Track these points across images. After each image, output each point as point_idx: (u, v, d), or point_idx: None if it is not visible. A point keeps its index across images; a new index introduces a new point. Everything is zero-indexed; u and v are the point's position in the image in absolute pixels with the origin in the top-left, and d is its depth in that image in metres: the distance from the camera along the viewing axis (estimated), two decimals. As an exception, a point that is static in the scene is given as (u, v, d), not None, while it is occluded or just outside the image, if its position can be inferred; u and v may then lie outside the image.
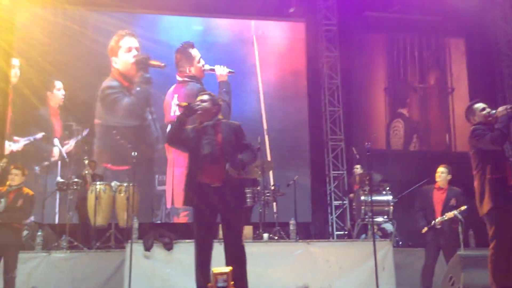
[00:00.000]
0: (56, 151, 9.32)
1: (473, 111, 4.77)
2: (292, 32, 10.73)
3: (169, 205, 9.36)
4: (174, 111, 9.50)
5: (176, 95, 9.69)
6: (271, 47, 10.46)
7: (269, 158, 9.65)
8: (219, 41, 10.29)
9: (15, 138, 9.32)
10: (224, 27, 10.46)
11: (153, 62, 9.65)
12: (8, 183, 6.22)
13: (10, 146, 9.26)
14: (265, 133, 10.04)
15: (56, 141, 9.36)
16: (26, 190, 6.26)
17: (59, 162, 9.19)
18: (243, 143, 4.57)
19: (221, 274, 1.91)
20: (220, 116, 4.66)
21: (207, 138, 4.42)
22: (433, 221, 6.38)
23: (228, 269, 1.96)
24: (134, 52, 9.81)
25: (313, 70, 10.61)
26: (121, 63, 9.80)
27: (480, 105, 4.77)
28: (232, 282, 3.46)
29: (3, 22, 9.54)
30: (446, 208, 6.42)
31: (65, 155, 9.22)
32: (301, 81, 10.48)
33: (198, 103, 4.56)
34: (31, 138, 9.34)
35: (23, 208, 6.11)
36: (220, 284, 1.88)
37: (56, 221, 8.28)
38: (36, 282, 6.48)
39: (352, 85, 10.79)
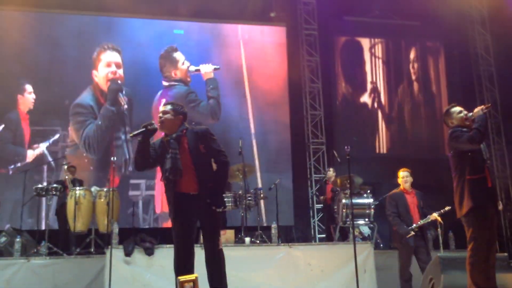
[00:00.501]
0: (30, 155, 9.18)
1: (450, 115, 4.82)
2: (274, 36, 10.78)
3: (158, 211, 9.31)
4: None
5: (163, 100, 9.66)
6: (254, 51, 10.49)
7: (256, 162, 9.67)
8: (201, 45, 10.28)
9: (35, 145, 9.20)
10: (206, 30, 10.46)
11: (120, 98, 9.44)
12: None
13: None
14: (253, 137, 10.05)
15: (42, 145, 9.23)
16: None
17: (45, 167, 9.06)
18: (213, 148, 4.49)
19: (188, 281, 1.89)
20: (186, 125, 4.54)
21: (170, 152, 4.37)
22: (414, 225, 6.43)
23: (194, 276, 1.94)
24: (113, 68, 9.72)
25: (294, 74, 10.65)
26: (100, 77, 9.74)
27: (456, 109, 4.82)
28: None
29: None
30: (420, 212, 6.51)
31: (50, 158, 9.08)
32: (283, 85, 10.52)
33: (160, 115, 4.48)
34: (50, 141, 9.22)
35: None
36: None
37: (35, 227, 8.15)
38: (15, 289, 6.38)
39: (333, 89, 10.86)
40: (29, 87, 9.47)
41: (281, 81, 10.54)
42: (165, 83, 9.91)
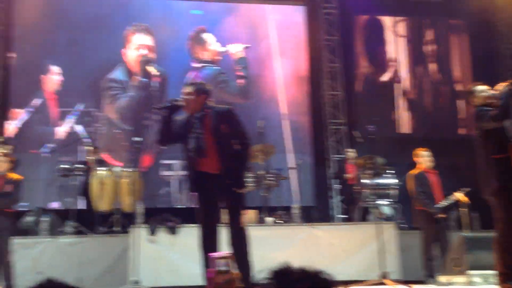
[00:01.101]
0: (58, 134, 9.27)
1: (474, 94, 4.78)
2: (292, 15, 10.67)
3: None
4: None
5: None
6: (272, 31, 10.40)
7: (290, 143, 9.69)
8: (221, 26, 10.23)
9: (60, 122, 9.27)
10: (223, 10, 10.38)
11: (148, 68, 9.41)
12: None
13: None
14: (285, 118, 10.03)
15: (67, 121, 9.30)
16: (13, 175, 6.25)
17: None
18: (235, 128, 4.51)
19: (222, 258, 1.90)
20: (210, 103, 4.55)
21: (193, 132, 4.41)
22: (440, 204, 6.40)
23: (228, 252, 1.96)
24: (143, 51, 9.68)
25: (313, 53, 10.57)
26: (129, 58, 9.73)
27: (480, 88, 4.78)
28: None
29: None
30: (444, 191, 6.49)
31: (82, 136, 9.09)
32: (302, 64, 10.45)
33: (181, 96, 4.51)
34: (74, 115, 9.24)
35: (12, 194, 6.11)
36: (221, 268, 1.88)
37: (61, 206, 8.29)
38: (42, 267, 6.52)
39: (353, 68, 10.77)
40: (54, 68, 9.53)
41: (300, 61, 10.46)
42: (194, 65, 9.90)
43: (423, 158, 6.66)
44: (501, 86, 4.58)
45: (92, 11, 9.77)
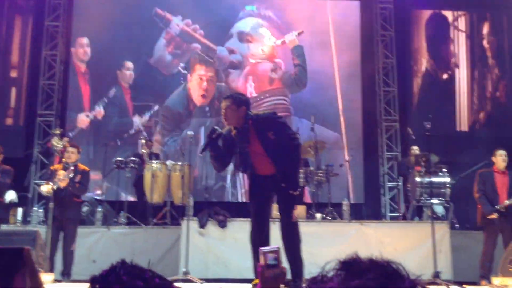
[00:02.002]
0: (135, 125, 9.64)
1: None
2: (347, 11, 10.54)
3: (247, 186, 9.52)
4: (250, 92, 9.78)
5: (250, 77, 9.94)
6: (326, 27, 10.31)
7: (344, 141, 9.66)
8: (273, 21, 10.23)
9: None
10: (275, 6, 10.38)
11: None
12: (64, 160, 6.45)
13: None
14: (340, 113, 9.98)
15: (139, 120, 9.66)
16: (82, 166, 6.53)
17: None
18: (282, 133, 4.49)
19: (271, 252, 1.90)
20: (251, 113, 4.54)
21: (238, 147, 4.45)
22: (499, 205, 6.21)
23: (277, 247, 1.95)
24: (203, 84, 9.87)
25: (368, 49, 10.40)
26: (193, 87, 9.93)
27: None
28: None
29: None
30: (510, 192, 6.26)
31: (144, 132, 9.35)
32: (355, 60, 10.30)
33: (223, 111, 4.50)
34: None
35: (81, 184, 6.35)
36: (270, 262, 1.87)
37: (115, 198, 8.54)
38: (96, 256, 6.75)
39: (408, 64, 10.52)
40: (128, 64, 9.85)
41: (353, 56, 10.32)
42: (251, 60, 10.01)
43: (496, 158, 6.50)
44: None
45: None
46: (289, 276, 4.44)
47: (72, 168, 6.31)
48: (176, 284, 1.27)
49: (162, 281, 1.15)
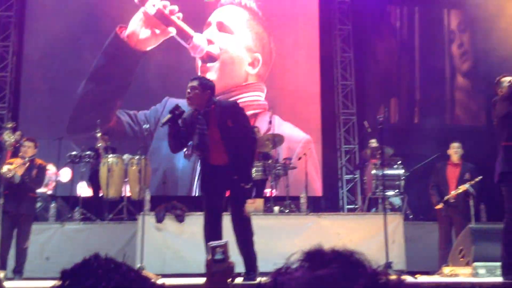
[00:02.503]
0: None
1: (500, 84, 4.79)
2: (305, 4, 10.59)
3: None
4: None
5: (224, 70, 9.83)
6: (283, 19, 10.34)
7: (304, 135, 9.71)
8: (255, 10, 10.17)
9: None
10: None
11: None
12: (20, 155, 6.30)
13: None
14: (299, 107, 10.03)
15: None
16: (39, 161, 6.39)
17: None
18: (240, 125, 4.53)
19: (218, 246, 1.89)
20: (215, 99, 4.60)
21: (198, 128, 4.44)
22: (447, 196, 6.40)
23: (224, 241, 1.95)
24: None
25: (326, 43, 10.49)
26: None
27: (507, 78, 4.78)
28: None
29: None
30: (461, 183, 6.46)
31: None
32: (314, 54, 10.37)
33: (188, 91, 4.52)
34: None
35: (37, 178, 6.22)
36: (217, 257, 1.87)
37: (69, 193, 8.36)
38: (49, 253, 6.60)
39: (366, 58, 10.66)
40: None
41: (312, 50, 10.39)
42: (229, 53, 9.94)
43: (452, 150, 6.72)
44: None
45: None
46: (243, 269, 4.46)
47: (28, 162, 6.17)
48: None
49: (137, 275, 1.12)
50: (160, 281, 5.30)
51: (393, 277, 0.99)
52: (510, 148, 4.47)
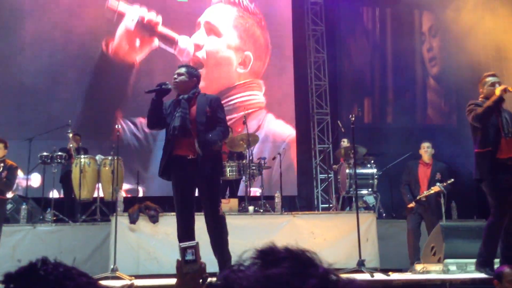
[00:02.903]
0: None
1: (483, 84, 4.75)
2: (278, 4, 10.63)
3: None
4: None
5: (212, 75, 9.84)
6: (255, 19, 10.35)
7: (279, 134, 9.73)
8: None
9: None
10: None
11: None
12: None
13: None
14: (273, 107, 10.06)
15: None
16: (9, 162, 6.27)
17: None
18: (217, 116, 4.55)
19: (189, 247, 1.90)
20: (199, 89, 4.64)
21: (180, 111, 4.42)
22: (419, 196, 6.50)
23: (195, 242, 1.95)
24: None
25: (299, 43, 10.55)
26: None
27: (492, 79, 4.71)
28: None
29: None
30: (432, 182, 6.56)
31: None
32: (287, 54, 10.42)
33: (175, 76, 4.55)
34: None
35: (8, 180, 6.10)
36: (188, 258, 1.87)
37: (40, 194, 8.22)
38: (21, 255, 6.47)
39: (339, 58, 10.75)
40: None
41: (285, 51, 10.43)
42: (218, 55, 9.95)
43: (422, 149, 6.82)
44: (500, 88, 4.57)
45: None
46: (216, 269, 4.45)
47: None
48: (104, 282, 1.23)
49: (88, 280, 1.09)
50: (134, 282, 5.26)
51: (343, 276, 1.00)
52: (480, 155, 4.57)
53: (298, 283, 0.95)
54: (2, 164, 6.14)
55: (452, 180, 6.40)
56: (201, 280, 1.91)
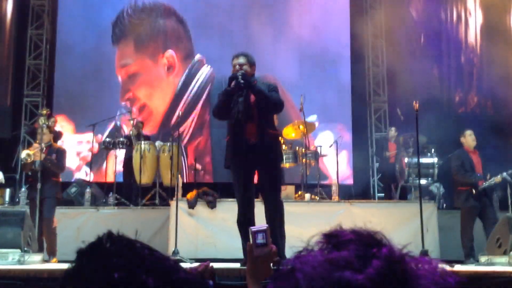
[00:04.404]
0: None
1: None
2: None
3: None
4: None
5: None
6: (313, 7, 10.25)
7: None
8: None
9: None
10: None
11: None
12: (37, 142, 6.37)
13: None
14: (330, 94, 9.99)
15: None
16: (56, 145, 6.49)
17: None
18: (274, 94, 4.55)
19: (260, 231, 1.90)
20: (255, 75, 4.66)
21: (242, 97, 4.43)
22: (481, 185, 6.28)
23: (266, 226, 1.95)
24: None
25: (357, 29, 10.36)
26: None
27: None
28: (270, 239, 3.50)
29: None
30: (485, 170, 6.35)
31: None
32: (345, 41, 10.26)
33: (237, 67, 4.54)
34: None
35: (58, 162, 6.30)
36: (259, 241, 1.87)
37: (103, 179, 8.51)
38: (85, 236, 6.58)
39: (397, 44, 10.48)
40: None
41: (342, 37, 10.28)
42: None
43: (465, 138, 6.54)
44: None
45: None
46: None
47: (46, 148, 6.26)
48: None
49: (151, 251, 1.13)
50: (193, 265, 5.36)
51: (416, 257, 0.96)
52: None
53: (360, 265, 0.93)
54: (49, 147, 6.33)
55: None
56: (271, 264, 1.92)
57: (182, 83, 9.79)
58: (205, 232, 6.56)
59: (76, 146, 9.35)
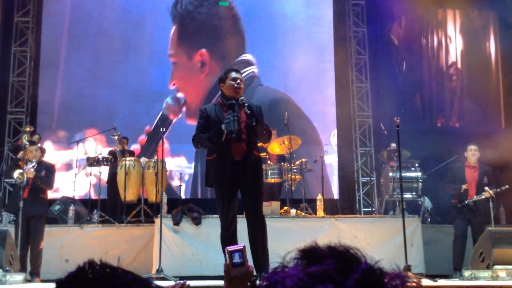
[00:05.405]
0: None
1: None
2: (319, 7, 10.58)
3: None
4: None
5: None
6: (297, 23, 10.34)
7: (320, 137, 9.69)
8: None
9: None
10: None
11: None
12: (27, 158, 6.31)
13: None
14: (315, 109, 10.05)
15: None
16: (46, 162, 6.44)
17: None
18: (261, 118, 4.58)
19: (236, 250, 1.90)
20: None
21: (235, 115, 4.42)
22: (467, 200, 6.34)
23: (242, 245, 1.95)
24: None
25: (341, 45, 10.46)
26: None
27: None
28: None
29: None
30: (480, 186, 6.40)
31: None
32: (328, 57, 10.35)
33: (238, 81, 4.53)
34: None
35: (48, 179, 6.25)
36: (236, 261, 1.87)
37: (87, 196, 8.43)
38: (69, 255, 6.65)
39: (380, 60, 10.61)
40: None
41: (326, 53, 10.37)
42: None
43: (467, 153, 6.67)
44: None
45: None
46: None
47: (36, 164, 6.21)
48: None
49: (134, 277, 1.13)
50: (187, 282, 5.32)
51: (388, 272, 0.99)
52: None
53: (341, 278, 0.95)
54: (40, 164, 6.28)
55: (507, 186, 6.27)
56: (249, 283, 1.92)
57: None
58: (190, 249, 6.51)
59: (60, 163, 9.27)
